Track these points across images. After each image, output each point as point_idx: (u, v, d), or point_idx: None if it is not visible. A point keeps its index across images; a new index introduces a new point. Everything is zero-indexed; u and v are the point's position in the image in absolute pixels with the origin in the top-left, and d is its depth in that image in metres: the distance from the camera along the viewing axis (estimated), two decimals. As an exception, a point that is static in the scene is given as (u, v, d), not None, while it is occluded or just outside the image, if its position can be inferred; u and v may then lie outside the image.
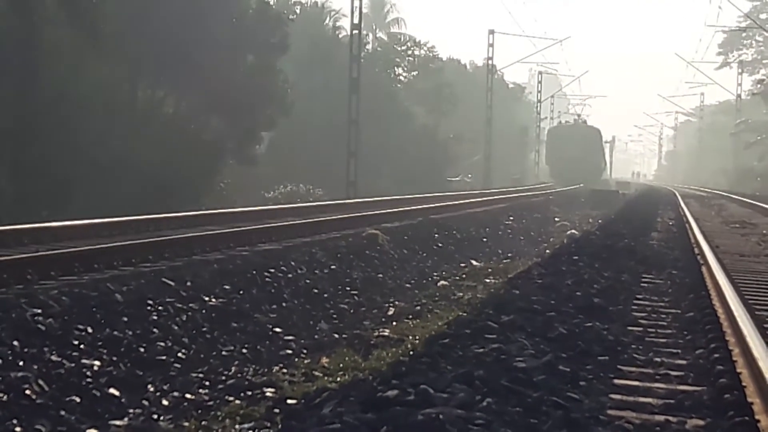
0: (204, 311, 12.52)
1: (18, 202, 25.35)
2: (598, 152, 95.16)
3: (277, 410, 7.87)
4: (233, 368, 10.81)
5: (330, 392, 7.17)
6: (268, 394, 9.15)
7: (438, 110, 72.68)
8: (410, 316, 13.78)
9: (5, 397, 8.31)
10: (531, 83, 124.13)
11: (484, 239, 27.98)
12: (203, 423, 8.36)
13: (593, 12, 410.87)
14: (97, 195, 27.24)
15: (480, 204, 38.21)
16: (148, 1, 32.75)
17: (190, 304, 12.48)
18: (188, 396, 9.55)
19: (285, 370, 10.34)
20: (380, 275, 18.86)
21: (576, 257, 15.63)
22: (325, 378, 9.14)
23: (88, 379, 9.32)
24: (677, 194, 55.30)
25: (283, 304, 14.51)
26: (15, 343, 9.43)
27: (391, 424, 5.66)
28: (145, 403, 9.32)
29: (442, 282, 18.13)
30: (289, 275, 15.85)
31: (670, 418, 6.15)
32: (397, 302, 16.06)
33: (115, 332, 10.62)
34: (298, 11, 56.98)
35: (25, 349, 9.39)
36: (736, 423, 5.93)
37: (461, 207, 34.86)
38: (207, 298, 12.97)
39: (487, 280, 17.00)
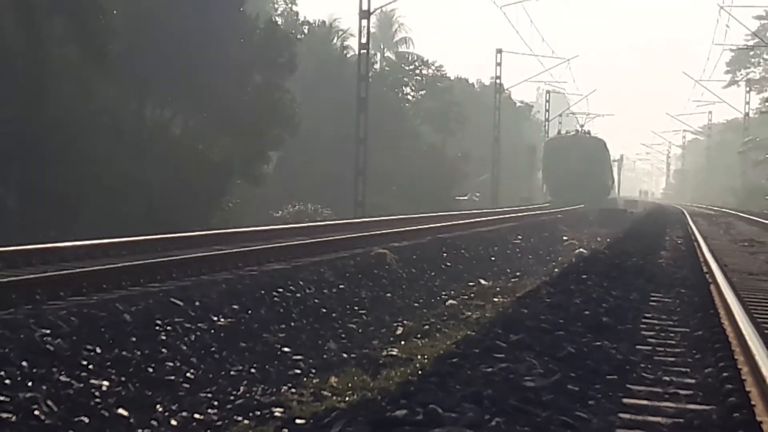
0: (212, 331, 12.52)
1: (26, 222, 25.41)
2: (604, 167, 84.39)
3: (285, 430, 7.84)
4: (242, 388, 10.81)
5: (339, 412, 7.16)
6: (276, 414, 9.15)
7: (446, 129, 72.85)
8: (419, 336, 13.77)
9: (14, 418, 8.31)
10: (539, 102, 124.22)
11: (493, 258, 27.95)
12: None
13: (601, 31, 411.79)
14: (104, 215, 27.30)
15: (488, 223, 38.18)
16: (156, 21, 32.89)
17: (199, 324, 12.47)
18: (197, 416, 9.55)
19: (294, 390, 10.34)
20: (389, 294, 18.84)
21: (584, 276, 15.61)
22: (334, 398, 9.13)
23: (97, 400, 9.32)
24: (685, 213, 55.26)
25: (292, 324, 14.50)
26: (24, 363, 9.43)
27: (399, 444, 5.66)
28: (154, 423, 9.31)
29: (451, 301, 18.11)
30: (298, 295, 15.85)
31: (680, 438, 6.14)
32: (405, 321, 16.04)
33: (124, 352, 10.62)
34: (306, 31, 57.22)
35: (34, 370, 9.39)
36: (746, 442, 5.92)
37: (469, 226, 34.84)
38: (215, 318, 12.97)
39: (496, 299, 16.98)
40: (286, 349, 13.05)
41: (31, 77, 27.06)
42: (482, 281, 21.81)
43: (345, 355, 13.02)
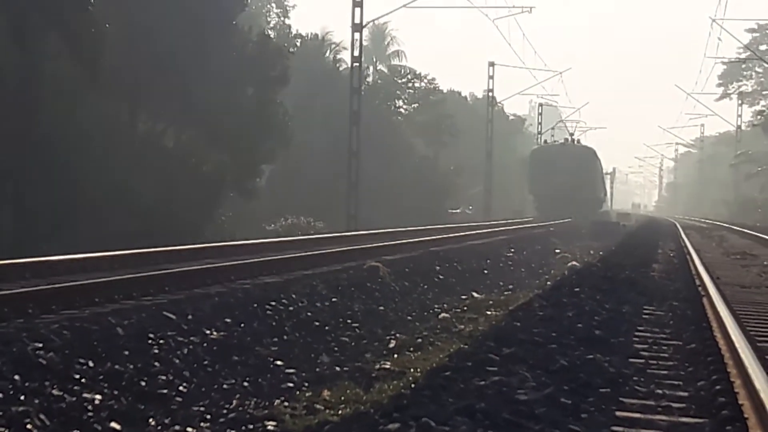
0: (205, 344, 12.50)
1: (19, 235, 25.36)
2: (594, 179, 77.49)
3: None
4: (234, 401, 10.79)
5: (332, 425, 7.16)
6: (269, 427, 9.13)
7: (438, 142, 72.93)
8: (411, 349, 13.74)
9: (6, 432, 8.29)
10: (531, 115, 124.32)
11: (485, 271, 27.93)
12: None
13: (593, 44, 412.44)
14: (97, 228, 27.25)
15: (481, 236, 38.21)
16: (149, 34, 32.87)
17: (191, 338, 12.45)
18: (189, 430, 9.52)
19: (286, 403, 10.31)
20: (381, 307, 18.81)
21: (577, 289, 15.63)
22: (327, 411, 9.12)
23: (90, 413, 9.30)
24: (678, 225, 55.39)
25: (285, 337, 14.48)
26: (16, 377, 9.41)
27: (392, 458, 5.66)
28: (147, 437, 9.29)
29: (444, 314, 18.07)
30: (290, 308, 15.83)
31: (672, 451, 6.14)
32: (398, 335, 16.02)
33: (117, 366, 10.60)
34: (298, 44, 57.29)
35: (26, 383, 9.37)
36: (739, 455, 5.92)
37: (462, 239, 34.86)
38: (208, 332, 12.95)
39: (489, 312, 16.96)
40: (278, 363, 13.03)
41: (23, 92, 27.05)
42: (475, 294, 21.79)
43: (338, 368, 12.99)
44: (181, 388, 10.86)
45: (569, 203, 68.54)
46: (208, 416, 10.05)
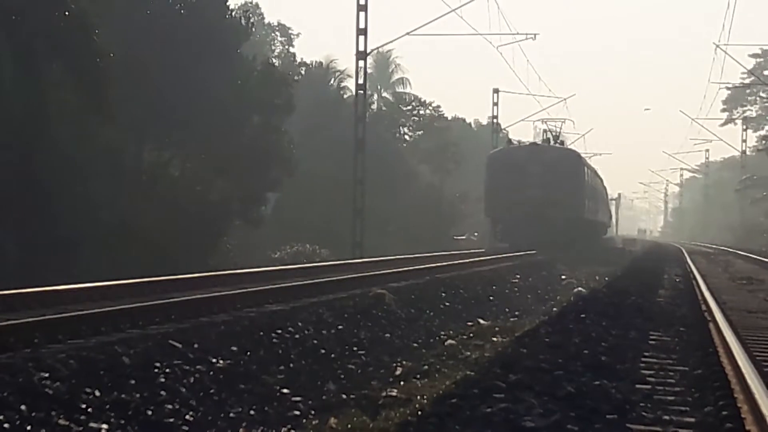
0: (211, 373, 12.48)
1: (25, 265, 25.36)
2: (580, 192, 54.21)
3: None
4: (241, 430, 10.78)
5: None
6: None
7: (443, 169, 72.96)
8: (418, 376, 13.73)
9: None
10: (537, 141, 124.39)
11: (491, 297, 27.89)
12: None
13: (597, 70, 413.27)
14: (103, 257, 27.25)
15: (486, 262, 38.13)
16: (154, 63, 32.98)
17: (198, 366, 12.45)
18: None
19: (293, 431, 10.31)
20: (387, 335, 18.80)
21: (583, 315, 15.62)
22: (334, 439, 9.11)
23: (96, 443, 9.29)
24: (684, 251, 55.30)
25: (291, 365, 14.47)
26: (22, 407, 9.41)
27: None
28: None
29: (450, 341, 18.07)
30: (297, 336, 15.81)
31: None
32: (404, 362, 16.00)
33: (123, 395, 10.59)
34: (303, 72, 57.49)
35: (33, 414, 9.37)
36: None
37: (468, 266, 34.78)
38: (214, 360, 12.94)
39: (495, 339, 16.95)
40: (285, 391, 13.02)
41: (29, 122, 27.12)
42: (481, 321, 21.76)
43: (344, 396, 12.99)
44: (187, 417, 10.85)
45: (542, 226, 49.92)
46: (215, 445, 10.04)
